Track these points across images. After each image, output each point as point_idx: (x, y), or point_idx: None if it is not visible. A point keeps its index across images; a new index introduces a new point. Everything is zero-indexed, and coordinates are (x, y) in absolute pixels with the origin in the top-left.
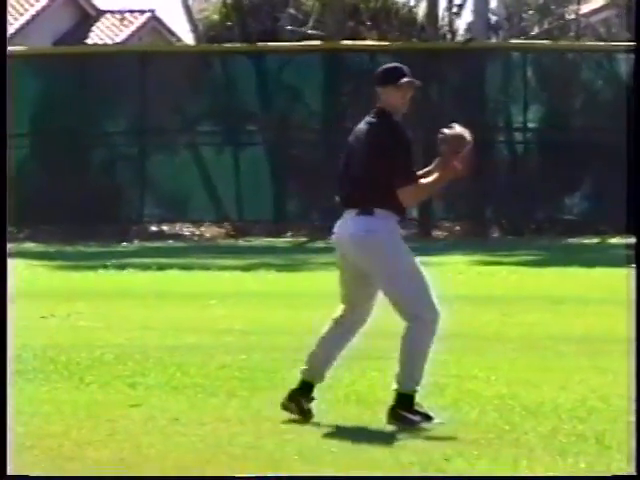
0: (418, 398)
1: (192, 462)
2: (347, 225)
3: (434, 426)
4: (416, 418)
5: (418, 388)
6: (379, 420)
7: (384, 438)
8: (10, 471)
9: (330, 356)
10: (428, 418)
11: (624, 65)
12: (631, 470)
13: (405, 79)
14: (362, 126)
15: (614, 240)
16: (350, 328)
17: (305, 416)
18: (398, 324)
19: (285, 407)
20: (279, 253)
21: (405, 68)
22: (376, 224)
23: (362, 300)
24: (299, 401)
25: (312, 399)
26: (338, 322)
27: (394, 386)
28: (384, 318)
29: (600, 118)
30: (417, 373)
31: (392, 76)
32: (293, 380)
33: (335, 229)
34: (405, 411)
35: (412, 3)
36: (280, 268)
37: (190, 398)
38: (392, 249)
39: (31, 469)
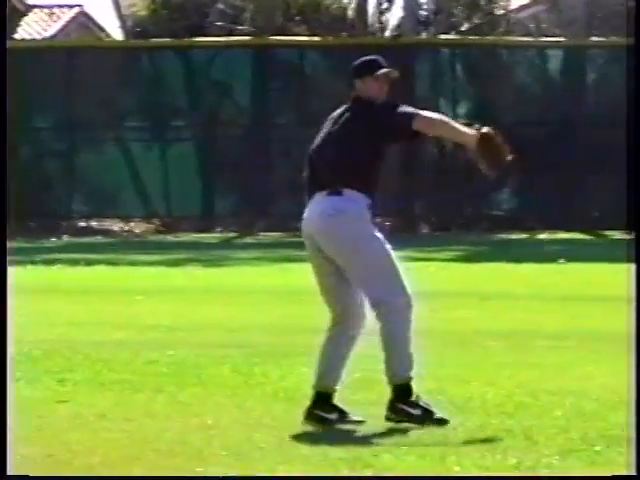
0: (351, 393)
1: (119, 458)
2: (316, 206)
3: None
4: (416, 412)
5: (412, 374)
6: None
7: (313, 434)
8: (10, 471)
9: (337, 366)
10: (428, 412)
11: (553, 60)
12: (631, 470)
13: (383, 70)
14: (340, 111)
15: (542, 236)
16: (349, 337)
17: (331, 422)
18: (324, 320)
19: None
20: (207, 249)
21: (382, 60)
22: (345, 204)
23: (348, 297)
24: (315, 414)
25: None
26: (333, 336)
27: (388, 381)
28: (313, 314)
29: (529, 113)
30: (405, 360)
31: (370, 67)
32: (220, 376)
33: (305, 213)
34: (404, 404)
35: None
36: (208, 264)
37: (117, 394)
38: (360, 230)
39: None
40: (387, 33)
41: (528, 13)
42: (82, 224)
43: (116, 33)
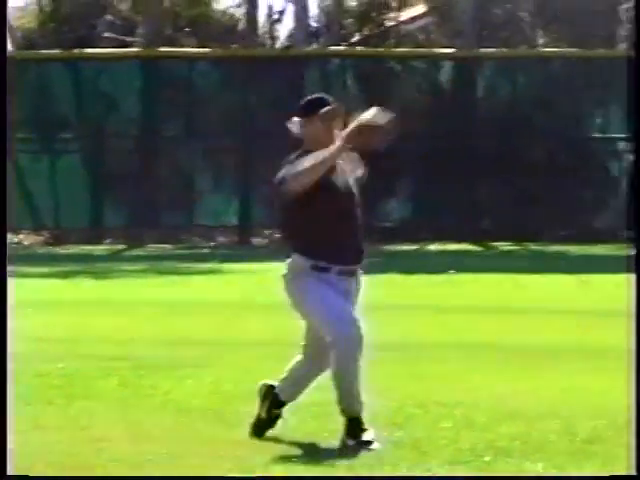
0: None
1: (9, 470)
2: None
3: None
4: (350, 442)
5: (358, 409)
6: (196, 428)
7: (203, 445)
8: (10, 471)
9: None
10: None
11: (443, 72)
12: (631, 470)
13: (326, 108)
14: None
15: (432, 247)
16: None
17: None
18: (217, 332)
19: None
20: (96, 261)
21: (328, 98)
22: (290, 267)
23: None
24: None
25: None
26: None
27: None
28: (200, 326)
29: (420, 124)
30: (350, 396)
31: (313, 106)
32: (109, 388)
33: None
34: (351, 438)
35: (232, 10)
36: (97, 276)
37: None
38: (297, 291)
39: None
40: (278, 44)
41: (419, 25)
42: None
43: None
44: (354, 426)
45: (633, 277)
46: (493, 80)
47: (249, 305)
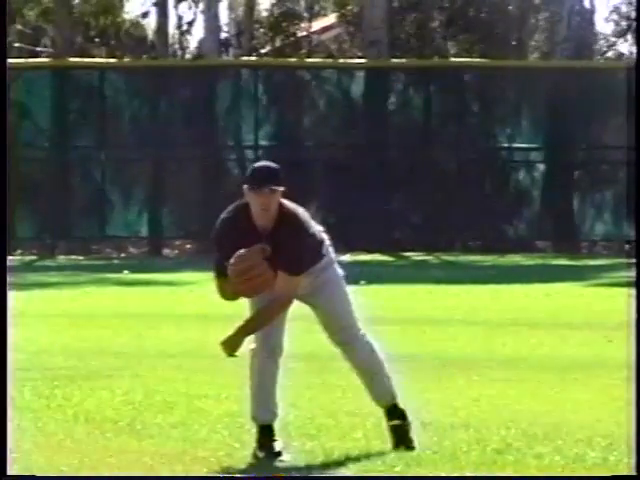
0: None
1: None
2: None
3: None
4: (260, 453)
5: (265, 418)
6: (107, 438)
7: (112, 456)
8: (10, 471)
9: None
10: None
11: (355, 82)
12: (631, 470)
13: (257, 188)
14: None
15: (344, 257)
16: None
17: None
18: (127, 344)
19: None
20: (8, 271)
21: (268, 169)
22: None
23: None
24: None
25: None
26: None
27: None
28: (112, 337)
29: (331, 135)
30: (255, 404)
31: (249, 180)
32: (21, 399)
33: None
34: (259, 448)
35: (141, 21)
36: (8, 287)
37: None
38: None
39: None
40: (188, 55)
41: (330, 35)
42: None
43: None
44: (260, 435)
45: (544, 286)
46: (405, 90)
47: (162, 316)
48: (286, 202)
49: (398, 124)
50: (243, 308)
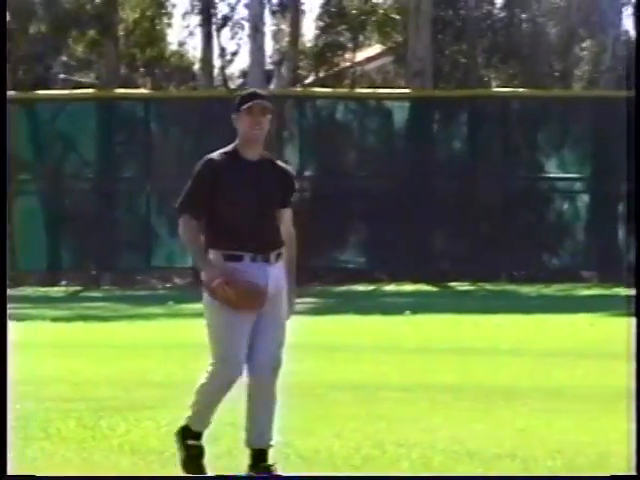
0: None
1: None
2: None
3: None
4: (190, 442)
5: (200, 428)
6: (153, 469)
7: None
8: (10, 471)
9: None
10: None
11: (399, 112)
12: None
13: (249, 103)
14: None
15: (389, 287)
16: None
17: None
18: (172, 374)
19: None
20: (54, 302)
21: (260, 93)
22: None
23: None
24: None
25: None
26: None
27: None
28: (157, 368)
29: (375, 166)
30: (194, 417)
31: (241, 102)
32: (66, 430)
33: None
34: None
35: (186, 51)
36: (54, 318)
37: None
38: (207, 297)
39: None
40: (232, 85)
41: (375, 65)
42: None
43: None
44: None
45: (589, 316)
46: (449, 121)
47: (206, 346)
48: None
49: (442, 154)
50: (288, 338)
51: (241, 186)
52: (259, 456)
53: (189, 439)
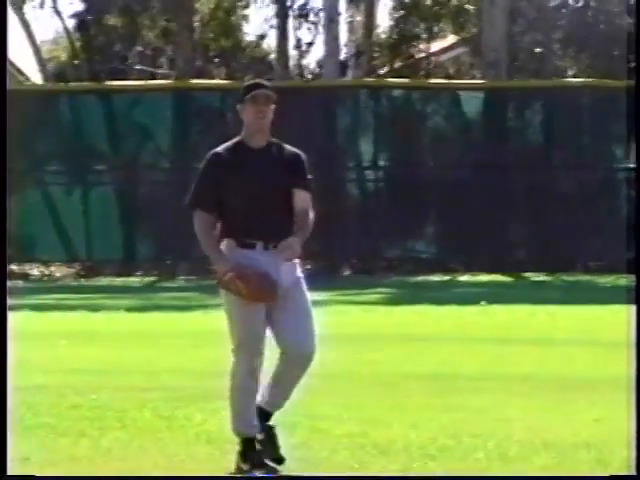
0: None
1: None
2: None
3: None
4: (245, 466)
5: (247, 432)
6: (228, 459)
7: (234, 478)
8: (10, 471)
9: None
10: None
11: (474, 103)
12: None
13: (253, 93)
14: None
15: (464, 278)
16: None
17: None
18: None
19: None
20: (129, 292)
21: (263, 82)
22: None
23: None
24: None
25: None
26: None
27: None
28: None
29: (450, 155)
30: (234, 417)
31: (245, 91)
32: (142, 420)
33: None
34: (240, 459)
35: (263, 43)
36: (130, 308)
37: (41, 438)
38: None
39: None
40: (307, 75)
41: (449, 56)
42: None
43: (36, 77)
44: (242, 447)
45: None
46: (523, 111)
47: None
48: None
49: (516, 144)
50: (363, 328)
51: (248, 175)
52: (264, 416)
53: (247, 459)
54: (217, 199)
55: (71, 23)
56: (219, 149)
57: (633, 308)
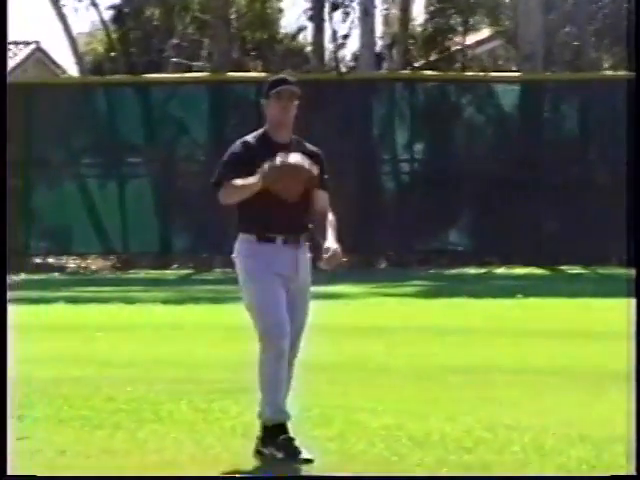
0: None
1: (9, 470)
2: None
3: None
4: (266, 451)
5: (278, 418)
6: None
7: (270, 469)
8: (10, 471)
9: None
10: (293, 454)
11: (510, 95)
12: (631, 470)
13: (278, 88)
14: None
15: (500, 271)
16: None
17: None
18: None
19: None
20: (165, 285)
21: (288, 78)
22: (237, 247)
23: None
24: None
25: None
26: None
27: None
28: None
29: (485, 149)
30: (266, 401)
31: (270, 87)
32: (178, 412)
33: None
34: (263, 446)
35: (298, 35)
36: (166, 300)
37: (76, 430)
38: (243, 272)
39: None
40: (343, 68)
41: (485, 49)
42: (39, 261)
43: (73, 69)
44: (271, 434)
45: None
46: (559, 104)
47: (317, 328)
48: None
49: (552, 137)
50: (399, 321)
51: None
52: (279, 430)
53: (268, 445)
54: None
55: (108, 15)
56: (248, 138)
57: None
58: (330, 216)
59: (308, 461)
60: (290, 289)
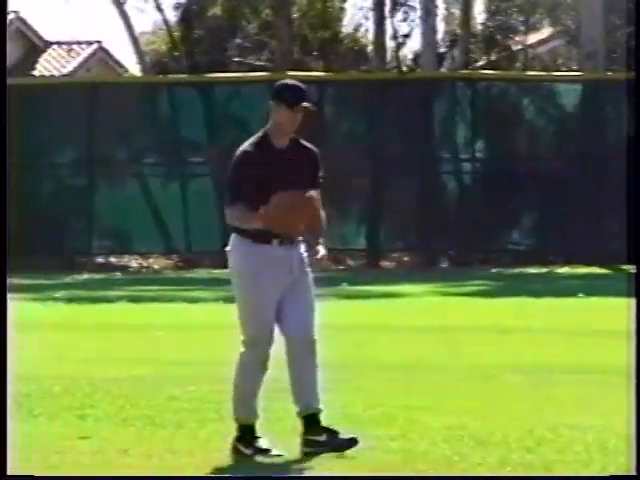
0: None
1: (9, 470)
2: None
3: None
4: (247, 451)
5: (250, 419)
6: (326, 453)
7: (331, 467)
8: (10, 471)
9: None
10: (263, 451)
11: (571, 95)
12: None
13: (299, 103)
14: None
15: (562, 270)
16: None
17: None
18: (345, 356)
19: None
20: (227, 284)
21: (304, 90)
22: (233, 242)
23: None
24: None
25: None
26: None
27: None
28: (331, 348)
29: (547, 147)
30: (237, 404)
31: (289, 96)
32: None
33: None
34: (240, 443)
35: (359, 33)
36: (228, 299)
37: (139, 430)
38: (237, 270)
39: None
40: (404, 67)
41: (546, 48)
42: (101, 260)
43: (135, 69)
44: (243, 432)
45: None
46: (621, 103)
47: (379, 328)
48: None
49: (614, 137)
50: (461, 320)
51: (271, 174)
52: (311, 421)
53: (242, 443)
54: (254, 193)
55: (171, 14)
56: (248, 147)
57: None
58: (322, 214)
59: (280, 456)
60: (287, 280)
